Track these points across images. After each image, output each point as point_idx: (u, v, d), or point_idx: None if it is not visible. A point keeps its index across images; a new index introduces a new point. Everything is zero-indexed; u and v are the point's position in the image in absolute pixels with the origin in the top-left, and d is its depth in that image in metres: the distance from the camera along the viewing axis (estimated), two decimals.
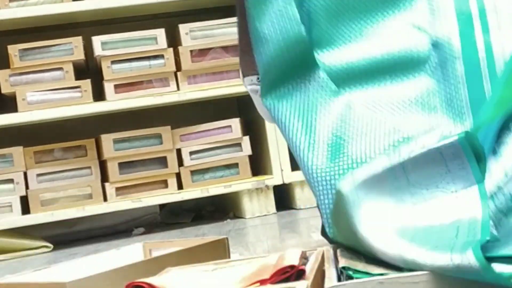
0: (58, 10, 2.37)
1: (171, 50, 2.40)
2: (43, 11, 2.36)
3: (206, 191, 2.36)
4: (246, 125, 2.50)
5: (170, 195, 2.36)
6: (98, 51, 2.37)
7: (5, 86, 2.33)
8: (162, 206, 2.60)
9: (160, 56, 2.39)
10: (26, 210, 2.30)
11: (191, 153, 2.41)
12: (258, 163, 2.51)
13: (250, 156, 2.44)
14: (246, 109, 2.64)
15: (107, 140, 2.36)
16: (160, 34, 2.40)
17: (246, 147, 2.43)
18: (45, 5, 2.36)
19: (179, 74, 2.40)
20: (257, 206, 2.38)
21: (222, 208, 2.59)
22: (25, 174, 2.32)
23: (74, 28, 2.52)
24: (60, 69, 2.35)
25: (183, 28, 2.41)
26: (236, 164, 2.42)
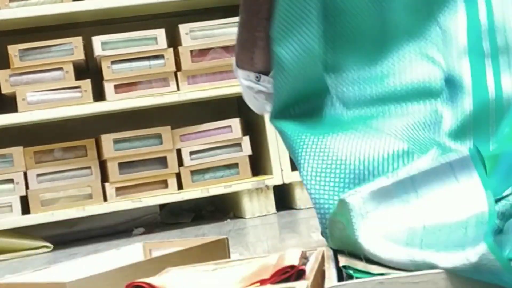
0: (58, 10, 2.37)
1: (171, 50, 2.40)
2: (43, 11, 2.36)
3: (206, 191, 2.36)
4: (246, 125, 2.50)
5: (170, 195, 2.36)
6: (98, 51, 2.37)
7: (5, 86, 2.33)
8: (162, 206, 2.60)
9: (160, 56, 2.39)
10: (26, 210, 2.30)
11: (191, 153, 2.41)
12: (258, 163, 2.51)
13: (250, 156, 2.44)
14: (246, 109, 2.62)
15: (107, 140, 2.36)
16: (160, 34, 2.40)
17: (246, 147, 2.43)
18: (45, 5, 2.36)
19: (179, 74, 2.40)
20: (257, 206, 2.38)
21: (222, 208, 2.59)
22: (25, 174, 2.32)
23: (74, 28, 2.52)
24: (60, 69, 2.35)
25: (183, 28, 2.41)
26: (236, 164, 2.42)
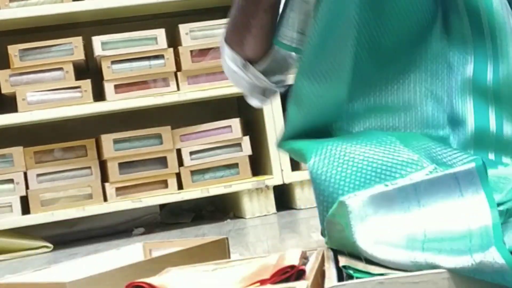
0: (58, 10, 2.37)
1: (171, 50, 2.40)
2: (43, 11, 2.36)
3: (206, 191, 2.36)
4: (246, 125, 2.50)
5: (170, 195, 2.36)
6: (98, 51, 2.37)
7: (5, 86, 2.33)
8: (162, 206, 2.60)
9: (160, 56, 2.39)
10: (26, 210, 2.30)
11: (191, 153, 2.41)
12: (258, 163, 2.51)
13: (250, 156, 2.44)
14: (246, 109, 2.64)
15: (107, 140, 2.36)
16: (160, 34, 2.40)
17: (246, 147, 2.43)
18: (45, 5, 2.36)
19: (179, 74, 2.40)
20: (257, 206, 2.38)
21: (222, 208, 2.59)
22: (25, 174, 2.32)
23: (74, 28, 2.52)
24: (60, 69, 2.35)
25: (183, 28, 2.41)
26: (236, 164, 2.42)
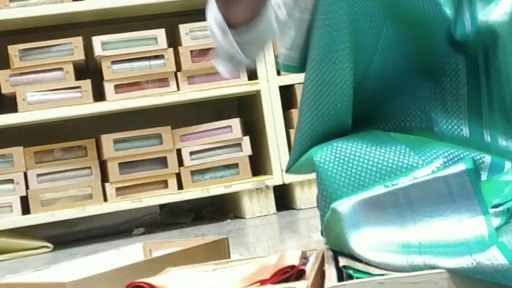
0: (58, 10, 2.37)
1: (171, 50, 2.40)
2: (43, 11, 2.36)
3: (206, 191, 2.36)
4: (246, 125, 2.50)
5: (170, 195, 2.36)
6: (98, 51, 2.37)
7: (5, 86, 2.33)
8: (162, 206, 2.60)
9: (160, 56, 2.39)
10: (26, 210, 2.30)
11: (191, 153, 2.41)
12: (258, 163, 2.51)
13: (250, 156, 2.43)
14: (246, 109, 2.64)
15: (107, 140, 2.36)
16: (160, 34, 2.40)
17: (246, 147, 2.43)
18: (45, 5, 2.36)
19: (179, 74, 2.40)
20: (257, 206, 2.38)
21: (222, 208, 2.59)
22: (25, 174, 2.32)
23: (74, 28, 2.52)
24: (60, 69, 2.35)
25: (183, 28, 2.41)
26: (236, 164, 2.42)
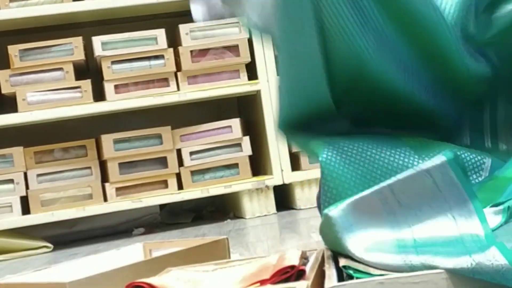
0: (58, 10, 2.37)
1: (171, 50, 2.40)
2: (43, 11, 2.36)
3: (206, 191, 2.36)
4: (246, 125, 2.50)
5: (170, 195, 2.36)
6: (98, 51, 2.37)
7: (5, 86, 2.33)
8: (162, 206, 2.60)
9: (160, 56, 2.39)
10: (26, 210, 2.30)
11: (191, 153, 2.41)
12: (258, 163, 2.51)
13: (250, 156, 2.43)
14: (246, 109, 2.64)
15: (107, 140, 2.36)
16: (160, 34, 2.40)
17: (246, 147, 2.43)
18: (45, 5, 2.36)
19: (179, 74, 2.40)
20: (257, 206, 2.38)
21: (222, 208, 2.59)
22: (25, 174, 2.32)
23: (74, 28, 2.52)
24: (60, 69, 2.35)
25: (183, 28, 2.41)
26: (236, 164, 2.42)
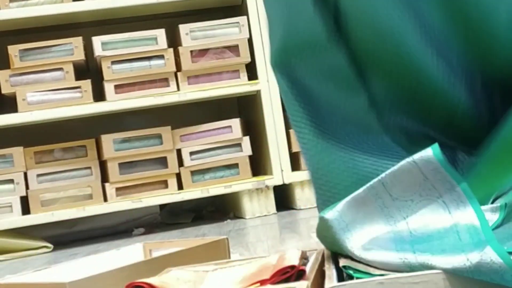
0: (58, 10, 2.37)
1: (171, 50, 2.40)
2: (43, 12, 2.36)
3: (206, 191, 2.36)
4: (246, 125, 2.50)
5: (170, 195, 2.36)
6: (98, 51, 2.37)
7: (5, 87, 2.33)
8: (162, 206, 2.60)
9: (160, 56, 2.39)
10: (26, 210, 2.30)
11: (191, 153, 2.41)
12: (258, 163, 2.51)
13: (250, 156, 2.44)
14: (246, 109, 2.64)
15: (107, 140, 2.36)
16: (160, 34, 2.40)
17: (246, 147, 2.43)
18: (45, 5, 2.36)
19: (179, 74, 2.40)
20: (257, 207, 2.38)
21: (222, 208, 2.59)
22: (25, 175, 2.32)
23: (74, 29, 2.52)
24: (60, 69, 2.35)
25: (183, 28, 2.41)
26: (236, 164, 2.42)
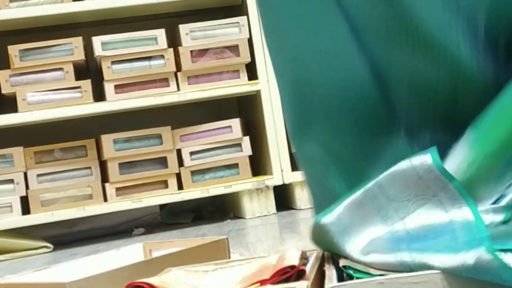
0: (58, 10, 2.37)
1: (171, 50, 2.40)
2: (43, 12, 2.36)
3: (206, 191, 2.36)
4: (246, 125, 2.50)
5: (170, 195, 2.36)
6: (98, 51, 2.37)
7: (5, 87, 2.33)
8: (162, 206, 2.60)
9: (160, 56, 2.39)
10: (26, 210, 2.30)
11: (191, 153, 2.41)
12: (258, 163, 2.51)
13: (250, 156, 2.44)
14: (246, 109, 2.64)
15: (107, 140, 2.36)
16: (160, 34, 2.40)
17: (246, 147, 2.43)
18: (45, 5, 2.36)
19: (179, 74, 2.40)
20: (257, 206, 2.38)
21: (222, 208, 2.59)
22: (25, 175, 2.32)
23: (74, 29, 2.52)
24: (60, 69, 2.35)
25: (183, 28, 2.41)
26: (236, 164, 2.42)
